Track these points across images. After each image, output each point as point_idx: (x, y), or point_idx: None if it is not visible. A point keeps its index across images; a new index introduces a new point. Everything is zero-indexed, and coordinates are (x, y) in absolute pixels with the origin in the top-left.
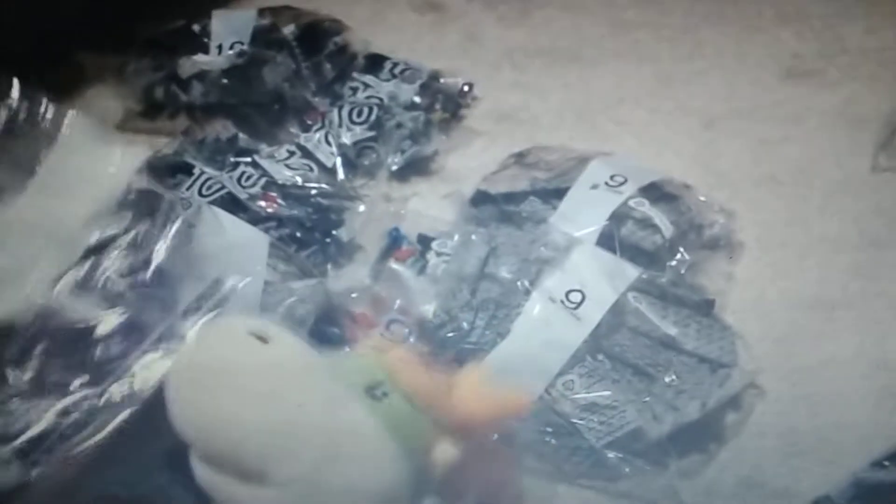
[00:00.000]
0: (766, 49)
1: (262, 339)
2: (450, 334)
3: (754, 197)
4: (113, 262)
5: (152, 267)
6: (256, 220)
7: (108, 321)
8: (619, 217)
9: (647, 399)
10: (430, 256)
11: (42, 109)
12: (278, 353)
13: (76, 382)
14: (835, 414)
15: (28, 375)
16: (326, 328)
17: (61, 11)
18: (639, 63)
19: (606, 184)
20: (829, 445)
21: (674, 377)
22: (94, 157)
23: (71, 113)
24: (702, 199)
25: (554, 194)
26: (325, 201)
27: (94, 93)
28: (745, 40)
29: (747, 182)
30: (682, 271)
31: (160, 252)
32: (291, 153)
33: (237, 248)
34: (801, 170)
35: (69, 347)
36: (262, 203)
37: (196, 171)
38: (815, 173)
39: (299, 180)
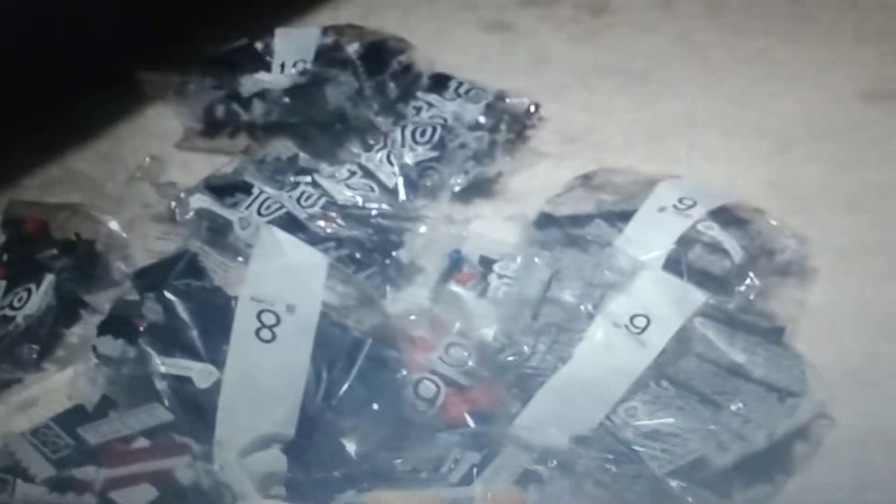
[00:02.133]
0: (845, 69)
1: None
2: (510, 358)
3: (830, 222)
4: None
5: None
6: (315, 240)
7: None
8: (687, 241)
9: (713, 427)
10: (492, 279)
11: None
12: None
13: None
14: None
15: None
16: (383, 350)
17: (123, 31)
18: (712, 84)
19: (675, 206)
20: None
21: (740, 405)
22: None
23: None
24: (773, 223)
25: (620, 217)
26: (385, 222)
27: (154, 112)
28: (823, 60)
29: (822, 206)
30: (752, 297)
31: None
32: (352, 173)
33: (295, 269)
34: (881, 194)
35: None
36: (322, 223)
37: (255, 191)
38: (893, 198)
39: (360, 200)
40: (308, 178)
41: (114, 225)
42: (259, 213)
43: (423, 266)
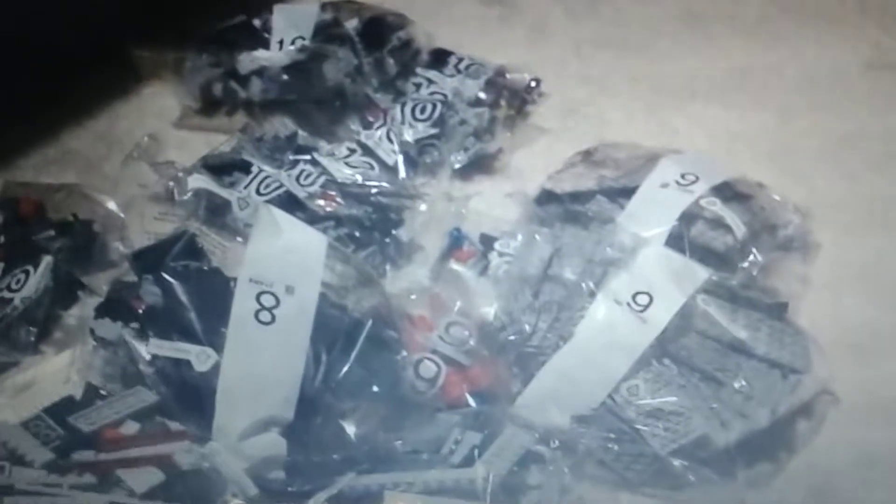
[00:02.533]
0: (846, 41)
1: None
2: (511, 337)
3: (832, 195)
4: None
5: None
6: (315, 219)
7: None
8: (689, 217)
9: (715, 405)
10: (493, 257)
11: None
12: None
13: None
14: None
15: None
16: (383, 330)
17: (119, 9)
18: (712, 57)
19: (677, 182)
20: None
21: (743, 383)
22: None
23: None
24: (776, 198)
25: (622, 193)
26: (385, 200)
27: (151, 91)
28: (824, 31)
29: (825, 180)
30: (754, 273)
31: None
32: (352, 151)
33: (294, 249)
34: (882, 168)
35: None
36: (321, 202)
37: (254, 170)
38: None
39: (359, 179)
40: (307, 157)
41: (111, 205)
42: (258, 192)
43: (422, 244)
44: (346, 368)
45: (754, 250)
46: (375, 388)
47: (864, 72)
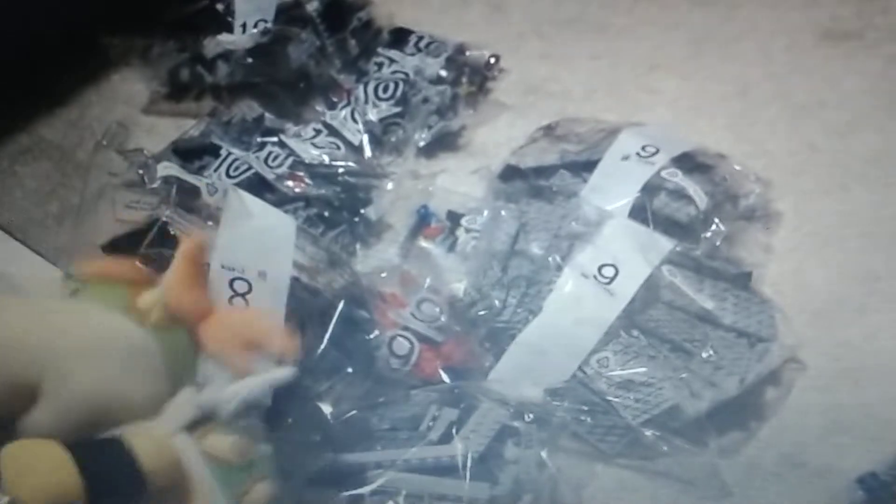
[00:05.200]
0: (802, 11)
1: None
2: (481, 312)
3: (792, 165)
4: None
5: None
6: (284, 200)
7: None
8: (651, 188)
9: (685, 375)
10: (460, 233)
11: None
12: None
13: None
14: (879, 389)
15: None
16: (355, 310)
17: None
18: (670, 30)
19: (638, 154)
20: (874, 421)
21: (711, 352)
22: None
23: None
24: (737, 168)
25: (584, 167)
26: (352, 179)
27: (119, 77)
28: (780, 2)
29: (784, 150)
30: (718, 243)
31: None
32: (318, 132)
33: (264, 233)
34: (840, 135)
35: None
36: (290, 183)
37: (223, 153)
38: (854, 139)
39: (326, 159)
40: (274, 139)
41: None
42: (228, 175)
43: (391, 223)
44: (320, 350)
45: (717, 220)
46: (350, 369)
47: (820, 41)
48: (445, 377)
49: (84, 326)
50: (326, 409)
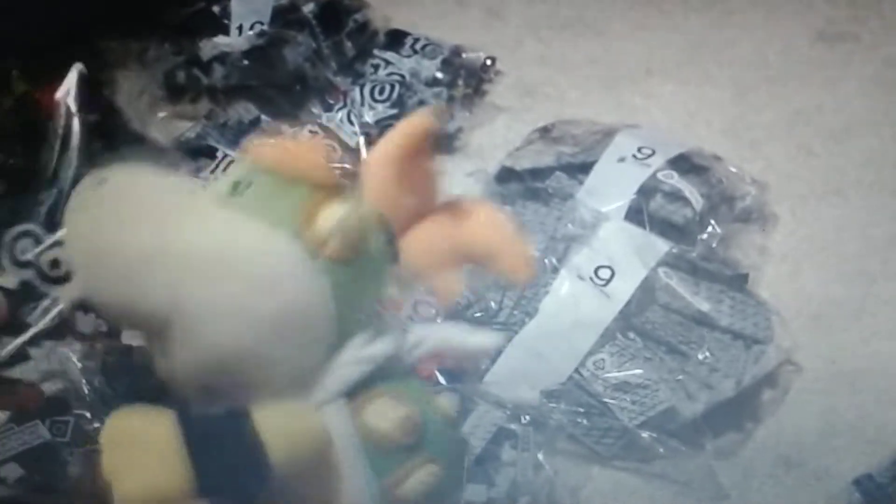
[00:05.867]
0: (797, 14)
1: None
2: (477, 314)
3: (788, 167)
4: None
5: None
6: None
7: None
8: (647, 190)
9: (681, 377)
10: None
11: None
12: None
13: None
14: (876, 391)
15: None
16: None
17: (83, 0)
18: (666, 33)
19: (634, 156)
20: (871, 423)
21: (707, 354)
22: None
23: None
24: (733, 170)
25: (580, 169)
26: (349, 183)
27: (115, 80)
28: (775, 5)
29: (781, 152)
30: (714, 245)
31: None
32: (314, 133)
33: None
34: (837, 138)
35: None
36: None
37: (219, 155)
38: (851, 142)
39: None
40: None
41: None
42: None
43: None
44: None
45: (713, 222)
46: None
47: (815, 44)
48: (441, 379)
49: (233, 259)
50: None
